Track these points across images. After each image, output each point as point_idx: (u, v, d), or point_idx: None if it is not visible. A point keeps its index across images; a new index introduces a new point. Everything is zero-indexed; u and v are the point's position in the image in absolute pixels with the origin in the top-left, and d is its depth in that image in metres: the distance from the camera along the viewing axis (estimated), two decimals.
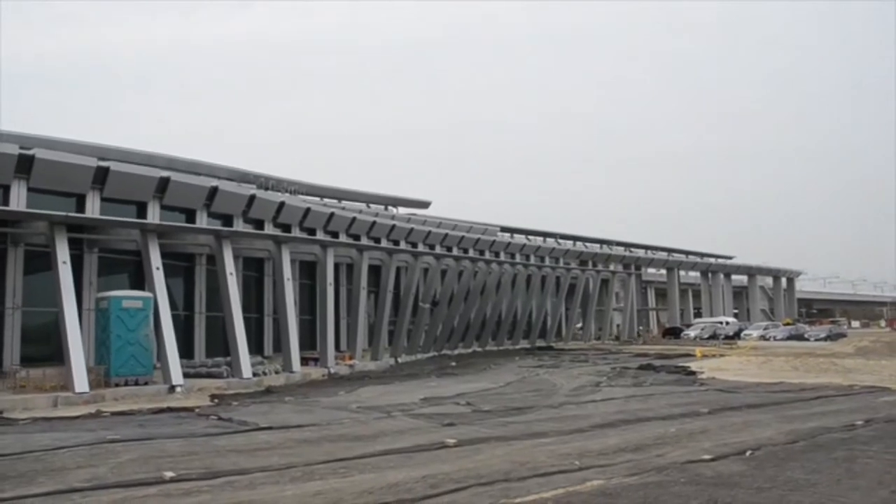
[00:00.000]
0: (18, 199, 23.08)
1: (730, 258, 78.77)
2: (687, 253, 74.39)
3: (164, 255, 22.15)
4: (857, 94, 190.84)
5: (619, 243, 67.79)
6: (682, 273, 69.57)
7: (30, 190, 23.36)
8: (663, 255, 70.37)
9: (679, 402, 17.57)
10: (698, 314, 72.18)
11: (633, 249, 67.77)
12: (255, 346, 27.99)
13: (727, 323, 60.60)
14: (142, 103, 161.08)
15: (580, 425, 13.70)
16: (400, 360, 32.82)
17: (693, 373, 26.06)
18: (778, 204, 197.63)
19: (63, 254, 19.65)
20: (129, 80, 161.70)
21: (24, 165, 23.08)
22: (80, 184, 24.49)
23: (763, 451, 10.69)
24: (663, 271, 69.71)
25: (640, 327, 60.56)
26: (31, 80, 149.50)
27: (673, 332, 58.73)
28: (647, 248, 70.74)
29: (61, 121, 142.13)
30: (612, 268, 59.04)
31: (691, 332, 57.07)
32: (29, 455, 10.71)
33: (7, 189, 23.06)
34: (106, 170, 25.03)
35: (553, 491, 8.32)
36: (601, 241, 67.18)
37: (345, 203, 44.81)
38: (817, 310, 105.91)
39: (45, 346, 23.16)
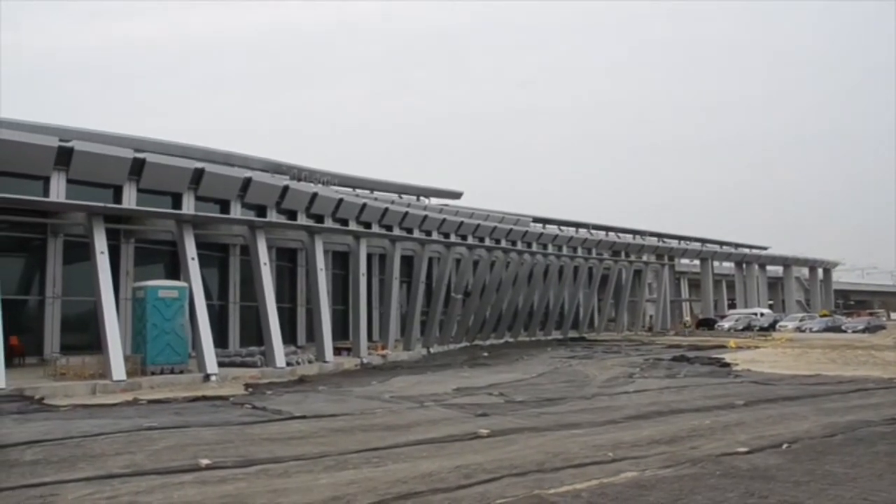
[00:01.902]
0: (58, 191, 23.50)
1: (764, 248, 77.60)
2: (721, 243, 73.44)
3: (198, 246, 22.39)
4: None
5: (651, 234, 67.07)
6: (715, 264, 68.74)
7: (68, 181, 23.77)
8: (697, 245, 69.56)
9: (713, 393, 17.39)
10: (732, 305, 71.30)
11: (666, 240, 67.04)
12: (289, 336, 28.20)
13: (762, 314, 59.77)
14: (175, 94, 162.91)
15: (613, 416, 13.62)
16: (432, 350, 32.90)
17: (727, 364, 25.78)
18: (814, 192, 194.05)
19: (101, 244, 19.94)
20: (161, 72, 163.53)
21: (64, 158, 23.47)
22: (117, 175, 24.84)
23: (800, 445, 10.53)
24: (697, 262, 68.95)
25: (688, 318, 59.55)
26: (67, 73, 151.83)
27: (706, 324, 58.13)
28: (680, 238, 69.95)
29: (96, 113, 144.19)
30: (644, 258, 58.55)
31: (725, 324, 56.44)
32: (70, 441, 10.93)
33: (47, 181, 23.48)
34: (142, 161, 25.35)
35: (587, 482, 8.27)
36: (634, 232, 66.50)
37: (377, 194, 44.87)
38: (855, 301, 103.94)
39: (83, 335, 23.59)
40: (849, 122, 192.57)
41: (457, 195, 55.21)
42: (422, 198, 51.78)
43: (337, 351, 26.38)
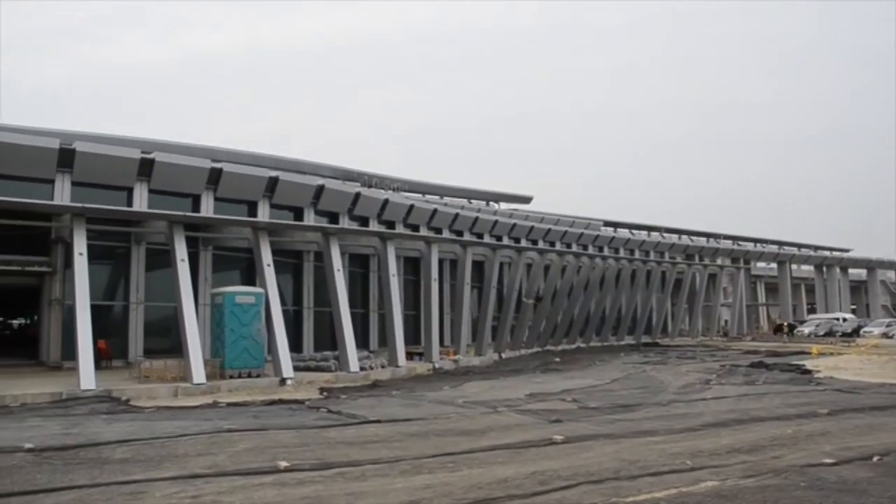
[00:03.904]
0: (141, 201, 24.39)
1: (846, 251, 74.88)
2: (799, 246, 71.17)
3: (273, 252, 22.87)
4: None
5: (726, 237, 65.50)
6: (794, 267, 66.64)
7: (150, 191, 24.66)
8: (774, 248, 67.58)
9: (795, 401, 16.84)
10: (812, 310, 68.98)
11: (741, 243, 65.43)
12: (361, 341, 28.56)
13: (844, 319, 57.57)
14: (242, 102, 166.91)
15: (690, 424, 13.34)
16: (503, 355, 32.80)
17: (809, 371, 24.93)
18: None
19: (181, 251, 20.58)
20: (228, 81, 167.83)
21: (146, 168, 24.37)
22: (195, 185, 25.63)
23: (892, 457, 10.07)
24: (774, 265, 66.99)
25: (786, 323, 57.44)
26: (139, 84, 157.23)
27: (783, 329, 56.28)
28: (756, 241, 68.13)
29: (168, 123, 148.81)
30: (719, 262, 57.21)
31: (805, 329, 54.58)
32: (155, 441, 11.31)
33: (130, 191, 24.40)
34: (219, 171, 26.09)
35: (665, 491, 8.12)
36: (708, 235, 65.05)
37: (446, 199, 45.10)
38: None
39: (165, 339, 24.40)
40: None
41: (526, 199, 55.07)
42: (491, 203, 51.81)
43: (409, 356, 26.54)
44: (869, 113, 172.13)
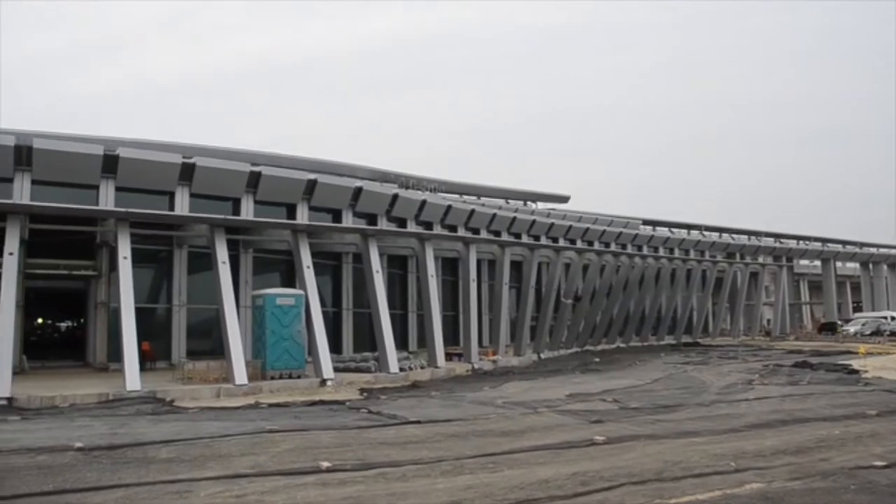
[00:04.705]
0: (182, 205, 24.74)
1: (893, 247, 73.11)
2: (844, 243, 69.58)
3: (312, 254, 23.05)
4: None
5: (768, 234, 64.28)
6: (838, 264, 65.23)
7: (191, 196, 25.01)
8: (817, 245, 66.15)
9: (841, 402, 16.52)
10: (858, 308, 67.45)
11: (783, 240, 64.13)
12: (400, 342, 28.62)
13: (892, 318, 56.25)
14: (281, 105, 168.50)
15: (733, 425, 13.17)
16: (542, 355, 32.65)
17: (855, 371, 24.43)
18: None
19: (222, 254, 20.85)
20: (265, 85, 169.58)
21: (187, 173, 24.73)
22: (235, 188, 25.95)
23: None
24: (817, 263, 65.65)
25: (840, 322, 56.12)
26: (180, 91, 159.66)
27: (829, 328, 55.21)
28: (799, 238, 66.72)
29: (208, 128, 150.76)
30: (761, 260, 56.29)
31: (850, 328, 53.42)
32: (199, 441, 11.48)
33: (172, 196, 24.79)
34: (258, 174, 26.36)
35: (709, 493, 8.02)
36: (749, 233, 63.93)
37: (483, 199, 45.01)
38: None
39: (207, 341, 24.76)
40: None
41: (564, 199, 54.73)
42: (529, 203, 51.60)
43: (448, 356, 26.57)
44: None
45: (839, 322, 55.50)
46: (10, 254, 17.81)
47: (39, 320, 46.57)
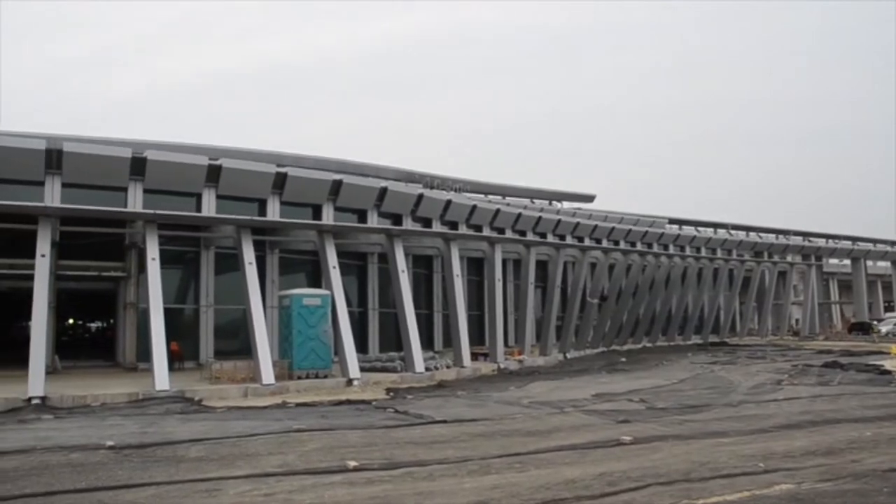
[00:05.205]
0: (209, 206, 24.98)
1: None
2: (875, 241, 68.54)
3: (338, 255, 23.12)
4: None
5: (796, 233, 63.53)
6: (869, 263, 64.28)
7: (218, 197, 25.25)
8: (847, 244, 65.17)
9: (873, 403, 16.28)
10: (889, 308, 66.41)
11: (812, 239, 63.34)
12: (426, 342, 28.67)
13: None
14: (303, 107, 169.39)
15: (762, 425, 13.04)
16: (568, 355, 32.52)
17: (888, 372, 24.06)
18: None
19: (249, 255, 21.00)
20: (290, 85, 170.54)
21: (213, 175, 24.97)
22: (261, 189, 26.14)
23: None
24: (847, 261, 64.70)
25: (875, 322, 55.31)
26: (206, 93, 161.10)
27: (860, 328, 54.42)
28: (828, 237, 65.81)
29: (235, 129, 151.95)
30: (789, 259, 55.61)
31: (882, 328, 52.64)
32: (227, 440, 11.59)
33: (199, 197, 25.04)
34: (284, 175, 26.54)
35: (738, 494, 7.95)
36: (777, 231, 63.24)
37: (509, 199, 44.94)
38: None
39: (234, 341, 24.96)
40: None
41: (589, 198, 54.52)
42: (553, 202, 51.46)
43: (474, 356, 26.55)
44: None
45: (874, 322, 54.70)
46: (42, 256, 18.06)
47: (70, 321, 47.28)
